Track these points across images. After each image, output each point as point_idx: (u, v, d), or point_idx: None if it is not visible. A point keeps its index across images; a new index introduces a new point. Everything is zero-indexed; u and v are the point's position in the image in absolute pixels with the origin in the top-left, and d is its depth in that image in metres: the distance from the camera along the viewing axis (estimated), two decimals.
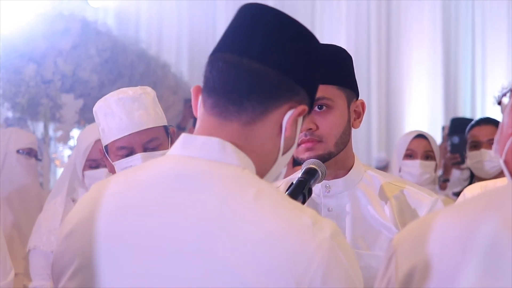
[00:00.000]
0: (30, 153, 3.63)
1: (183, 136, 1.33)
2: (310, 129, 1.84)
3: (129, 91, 2.23)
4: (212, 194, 1.22)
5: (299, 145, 1.85)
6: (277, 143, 1.31)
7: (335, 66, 1.87)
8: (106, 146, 2.24)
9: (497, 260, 1.04)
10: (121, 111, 2.18)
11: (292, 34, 1.31)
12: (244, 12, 1.34)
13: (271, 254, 1.15)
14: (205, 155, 1.27)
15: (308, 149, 1.85)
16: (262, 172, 1.32)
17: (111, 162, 2.22)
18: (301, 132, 1.83)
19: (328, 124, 1.85)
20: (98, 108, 2.24)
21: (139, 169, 1.35)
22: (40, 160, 3.89)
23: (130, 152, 2.18)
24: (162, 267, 1.21)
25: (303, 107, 1.31)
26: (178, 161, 1.29)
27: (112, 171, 2.24)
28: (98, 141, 2.78)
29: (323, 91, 1.85)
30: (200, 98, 1.34)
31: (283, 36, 1.30)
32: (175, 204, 1.23)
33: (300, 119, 1.34)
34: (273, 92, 1.28)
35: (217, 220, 1.19)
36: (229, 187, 1.23)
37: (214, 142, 1.27)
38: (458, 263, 1.07)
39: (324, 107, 1.85)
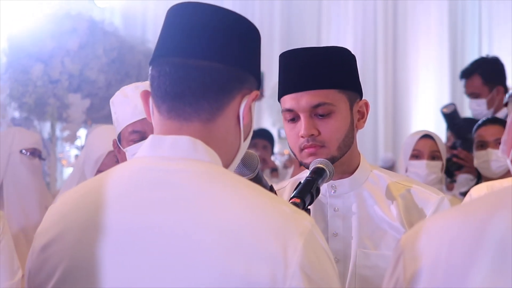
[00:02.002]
0: (34, 153, 3.61)
1: (151, 137, 1.33)
2: (312, 135, 1.84)
3: (146, 82, 2.27)
4: (191, 191, 1.22)
5: (302, 150, 1.86)
6: (238, 133, 1.34)
7: (335, 69, 1.86)
8: (119, 135, 2.26)
9: (508, 259, 1.04)
10: (137, 97, 2.21)
11: (227, 23, 1.32)
12: (176, 13, 1.34)
13: (256, 242, 1.16)
14: (176, 153, 1.28)
15: (311, 154, 1.85)
16: (226, 163, 1.34)
17: (123, 150, 2.24)
18: (303, 137, 1.84)
19: (330, 129, 1.85)
20: (115, 97, 2.30)
21: (106, 174, 1.34)
22: (44, 159, 3.87)
23: (142, 138, 2.19)
24: (152, 265, 1.20)
25: (255, 93, 1.34)
26: (149, 162, 1.29)
27: None
28: (111, 152, 2.82)
29: (323, 96, 1.84)
30: (151, 103, 1.36)
31: (221, 28, 1.31)
32: (155, 205, 1.23)
33: (254, 104, 1.36)
34: (225, 86, 1.30)
35: (202, 215, 1.19)
36: (207, 182, 1.24)
37: (184, 140, 1.28)
38: (467, 263, 1.07)
39: (326, 112, 1.84)
